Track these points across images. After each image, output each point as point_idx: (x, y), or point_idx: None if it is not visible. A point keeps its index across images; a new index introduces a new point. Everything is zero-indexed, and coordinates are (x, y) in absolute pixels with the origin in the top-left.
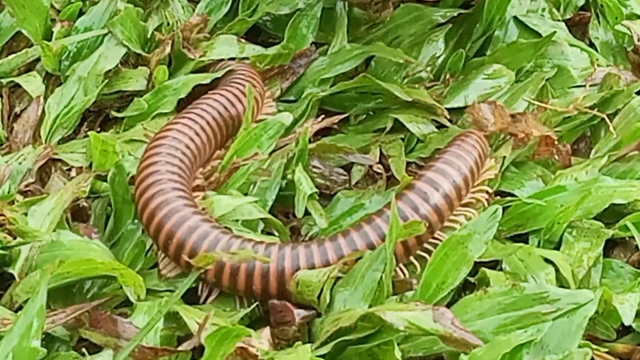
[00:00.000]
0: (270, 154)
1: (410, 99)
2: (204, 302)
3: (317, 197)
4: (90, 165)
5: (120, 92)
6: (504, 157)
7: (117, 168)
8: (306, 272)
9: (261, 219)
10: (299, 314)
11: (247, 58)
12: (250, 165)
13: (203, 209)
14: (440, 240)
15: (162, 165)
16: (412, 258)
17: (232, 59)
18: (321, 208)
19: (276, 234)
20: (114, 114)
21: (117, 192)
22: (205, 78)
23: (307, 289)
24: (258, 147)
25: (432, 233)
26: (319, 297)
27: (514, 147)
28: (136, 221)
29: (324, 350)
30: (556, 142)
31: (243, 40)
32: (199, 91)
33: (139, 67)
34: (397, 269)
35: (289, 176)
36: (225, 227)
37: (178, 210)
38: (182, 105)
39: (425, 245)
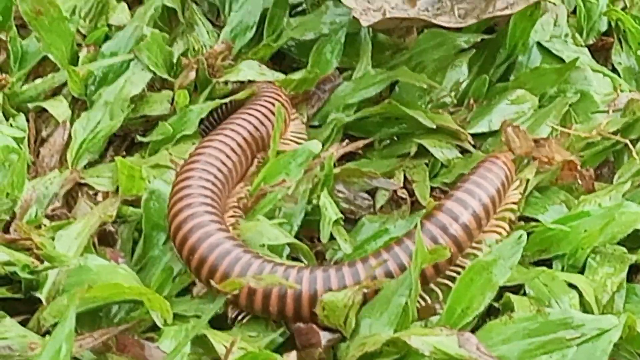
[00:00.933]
0: None
1: (434, 125)
2: (233, 325)
3: (342, 222)
4: (117, 190)
5: (145, 116)
6: (528, 181)
7: (151, 193)
8: (331, 296)
9: (287, 243)
10: (324, 336)
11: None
12: (278, 192)
13: (237, 235)
14: (462, 267)
15: (194, 189)
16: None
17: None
18: (346, 233)
19: (302, 258)
20: (139, 138)
21: (149, 217)
22: (228, 100)
23: (333, 313)
24: (286, 175)
25: (451, 262)
26: (345, 321)
27: (538, 171)
28: (164, 246)
29: None
30: (579, 167)
31: (264, 67)
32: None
33: (163, 91)
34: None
35: (314, 201)
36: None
37: (210, 234)
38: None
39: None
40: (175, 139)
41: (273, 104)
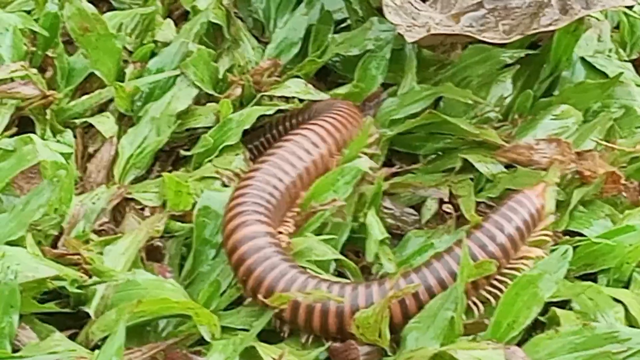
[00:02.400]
0: None
1: (479, 139)
2: (283, 339)
3: (388, 240)
4: (164, 204)
5: (191, 129)
6: (572, 195)
7: (202, 210)
8: (362, 313)
9: (334, 259)
10: (362, 350)
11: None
12: (327, 210)
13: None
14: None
15: (249, 205)
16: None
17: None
18: (390, 252)
19: (348, 274)
20: (183, 152)
21: (199, 233)
22: (268, 110)
23: (367, 330)
24: (334, 192)
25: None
26: (379, 335)
27: (582, 185)
28: (214, 261)
29: None
30: (623, 179)
31: (310, 85)
32: None
33: (208, 104)
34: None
35: (361, 218)
36: (302, 267)
37: (259, 249)
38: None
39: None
40: (217, 150)
41: (346, 115)
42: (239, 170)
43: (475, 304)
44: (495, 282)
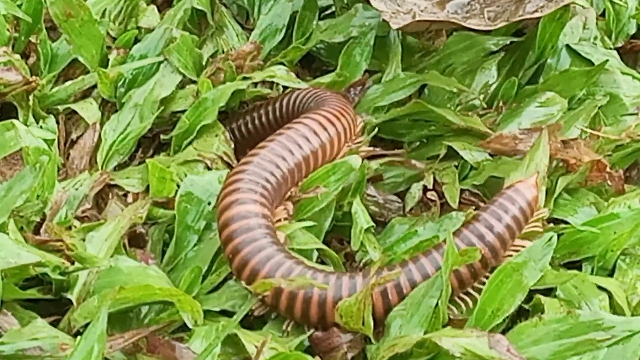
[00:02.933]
0: None
1: (463, 122)
2: (265, 324)
3: (372, 228)
4: (147, 190)
5: (173, 114)
6: (557, 183)
7: (183, 196)
8: (345, 302)
9: (317, 249)
10: (345, 338)
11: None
12: (313, 200)
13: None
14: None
15: (246, 183)
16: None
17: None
18: (375, 240)
19: (330, 263)
20: (163, 137)
21: (181, 219)
22: (241, 85)
23: (350, 319)
24: (325, 188)
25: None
26: (363, 323)
27: (567, 173)
28: (196, 247)
29: None
30: (608, 168)
31: (292, 73)
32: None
33: (188, 87)
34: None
35: (345, 207)
36: (290, 252)
37: (249, 229)
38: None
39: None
40: (195, 132)
41: (343, 106)
42: (222, 153)
43: (462, 299)
44: (484, 280)
